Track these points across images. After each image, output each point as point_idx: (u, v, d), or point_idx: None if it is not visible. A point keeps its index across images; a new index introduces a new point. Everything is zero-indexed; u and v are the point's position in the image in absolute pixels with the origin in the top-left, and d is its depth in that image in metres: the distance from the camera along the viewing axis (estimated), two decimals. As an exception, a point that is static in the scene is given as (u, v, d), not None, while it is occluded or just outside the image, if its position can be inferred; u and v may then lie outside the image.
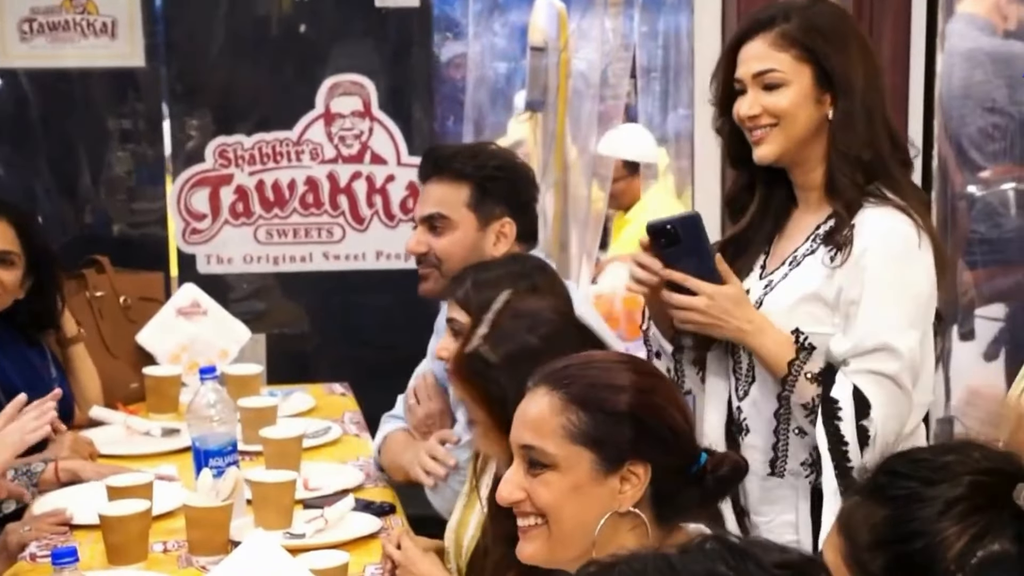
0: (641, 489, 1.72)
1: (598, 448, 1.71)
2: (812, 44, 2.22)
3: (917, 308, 2.20)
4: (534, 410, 1.75)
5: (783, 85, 2.23)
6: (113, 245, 3.74)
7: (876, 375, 2.17)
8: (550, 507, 1.73)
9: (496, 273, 2.43)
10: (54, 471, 2.81)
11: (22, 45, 3.70)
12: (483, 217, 2.75)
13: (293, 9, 3.85)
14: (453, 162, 2.76)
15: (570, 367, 1.79)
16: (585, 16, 3.78)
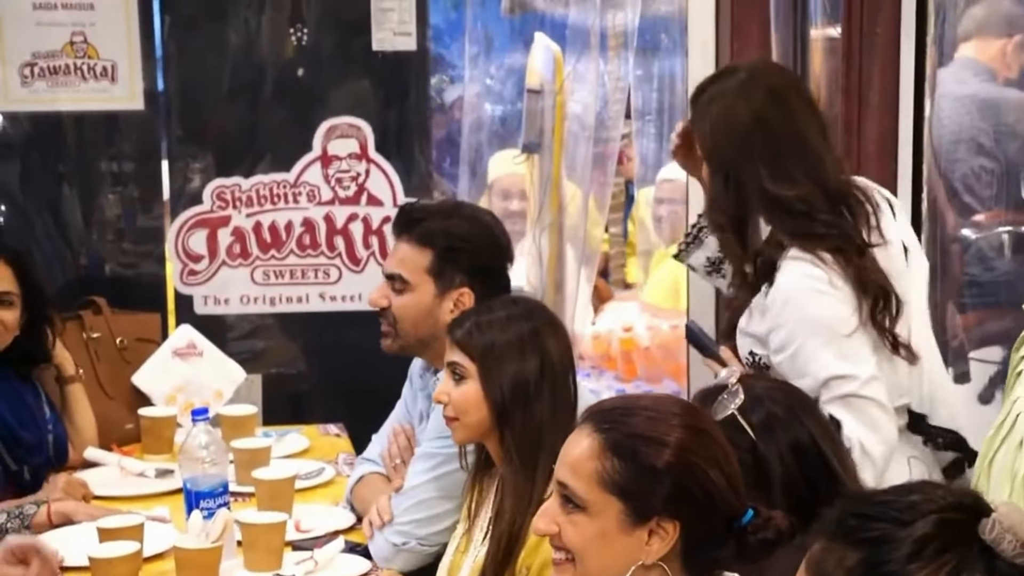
0: (669, 544, 1.71)
1: (628, 499, 1.71)
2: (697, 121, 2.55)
3: (838, 339, 2.41)
4: (574, 450, 1.76)
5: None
6: (110, 286, 3.76)
7: (838, 401, 2.38)
8: (576, 548, 1.74)
9: (498, 315, 2.44)
10: (47, 513, 2.81)
11: (23, 89, 3.74)
12: (442, 285, 2.74)
13: (292, 53, 3.89)
14: (421, 224, 2.75)
15: (617, 410, 1.79)
16: (581, 59, 3.81)
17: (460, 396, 2.40)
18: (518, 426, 2.32)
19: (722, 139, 2.52)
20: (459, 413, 2.41)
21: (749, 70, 2.61)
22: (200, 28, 3.86)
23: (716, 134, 2.52)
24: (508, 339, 2.37)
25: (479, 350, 2.38)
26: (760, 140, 2.49)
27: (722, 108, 2.52)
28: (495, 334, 2.38)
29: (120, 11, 3.76)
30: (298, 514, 2.84)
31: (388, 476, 2.86)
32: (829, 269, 2.43)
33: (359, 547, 2.70)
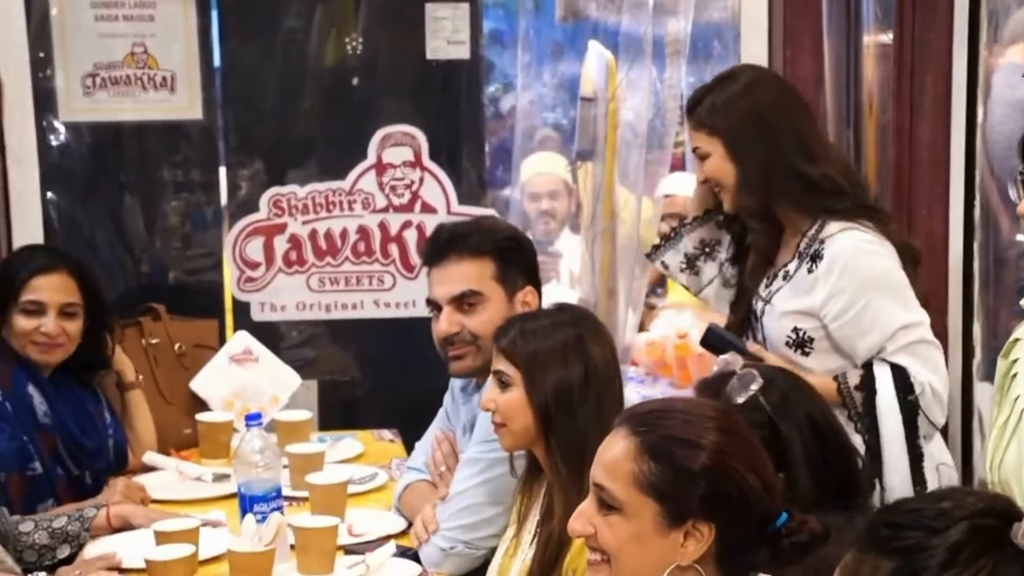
0: (704, 546, 1.73)
1: (664, 501, 1.73)
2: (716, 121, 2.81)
3: (901, 290, 2.73)
4: (611, 451, 1.78)
5: (707, 156, 2.83)
6: (169, 293, 3.82)
7: (903, 350, 2.70)
8: (611, 549, 1.76)
9: (543, 323, 2.46)
10: (106, 516, 2.87)
11: (85, 99, 3.80)
12: (509, 288, 2.76)
13: (347, 62, 3.93)
14: (471, 239, 2.76)
15: (653, 413, 1.81)
16: (633, 67, 3.82)
17: (505, 403, 2.43)
18: (562, 432, 2.34)
19: (750, 129, 2.79)
20: (505, 419, 2.43)
21: (752, 71, 2.99)
22: (257, 38, 3.91)
23: (744, 125, 2.80)
24: (552, 346, 2.39)
25: (523, 358, 2.40)
26: (786, 125, 2.80)
27: (746, 102, 2.81)
28: (539, 341, 2.40)
29: (179, 21, 3.81)
30: (351, 518, 2.87)
31: (434, 483, 2.89)
32: (875, 232, 2.74)
33: (410, 551, 2.73)
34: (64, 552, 2.84)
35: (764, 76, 2.99)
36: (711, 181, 2.86)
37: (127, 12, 3.79)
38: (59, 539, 2.84)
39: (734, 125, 2.81)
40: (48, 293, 3.15)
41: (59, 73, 3.77)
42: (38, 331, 3.13)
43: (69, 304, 3.18)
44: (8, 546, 2.78)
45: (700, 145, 2.86)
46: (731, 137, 2.81)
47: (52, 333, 3.14)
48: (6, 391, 3.08)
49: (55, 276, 3.18)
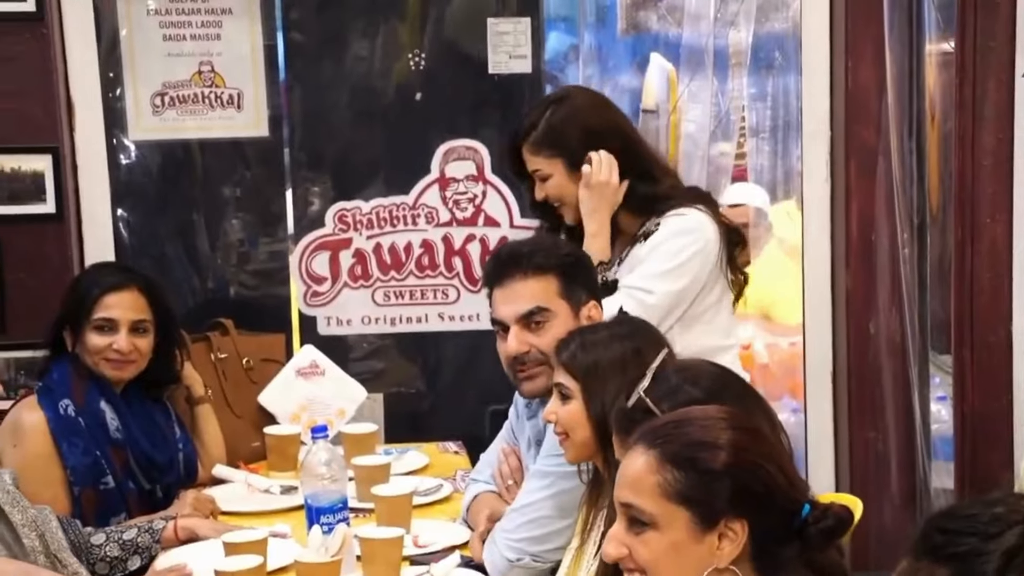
0: (740, 545, 1.74)
1: (694, 506, 1.74)
2: (555, 143, 3.07)
3: (680, 267, 3.00)
4: (632, 468, 1.79)
5: (548, 177, 3.09)
6: (237, 308, 3.87)
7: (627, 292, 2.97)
8: (650, 565, 1.77)
9: (602, 335, 2.47)
10: (173, 529, 2.92)
11: (154, 118, 3.86)
12: (574, 304, 2.74)
13: (410, 77, 3.96)
14: (534, 257, 2.74)
15: (668, 424, 1.83)
16: (695, 78, 3.83)
17: (566, 415, 2.44)
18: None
19: (588, 147, 3.06)
20: (567, 431, 2.45)
21: (581, 92, 3.29)
22: (321, 55, 3.96)
23: (582, 145, 3.06)
24: (611, 358, 2.40)
25: (582, 370, 2.41)
26: (619, 141, 3.08)
27: (580, 122, 3.07)
28: (598, 353, 2.41)
29: (245, 40, 3.86)
30: (416, 529, 2.90)
31: (501, 495, 2.90)
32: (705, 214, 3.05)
33: (475, 562, 2.75)
34: (135, 564, 2.89)
35: (593, 96, 3.26)
36: (552, 199, 3.12)
37: (194, 31, 3.85)
38: (130, 551, 2.90)
39: (574, 145, 3.07)
40: (119, 310, 3.20)
41: (129, 92, 3.83)
42: (110, 348, 3.19)
43: (140, 321, 3.23)
44: (82, 558, 2.84)
45: (540, 168, 3.11)
46: (571, 157, 3.07)
47: (124, 350, 3.19)
48: (80, 407, 3.14)
49: (126, 293, 3.23)
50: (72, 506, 3.06)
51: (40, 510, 2.80)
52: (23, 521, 2.71)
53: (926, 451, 3.74)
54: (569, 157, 3.08)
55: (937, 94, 3.59)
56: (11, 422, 3.13)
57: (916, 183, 3.70)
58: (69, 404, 3.13)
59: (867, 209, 3.71)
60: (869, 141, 3.69)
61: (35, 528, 2.73)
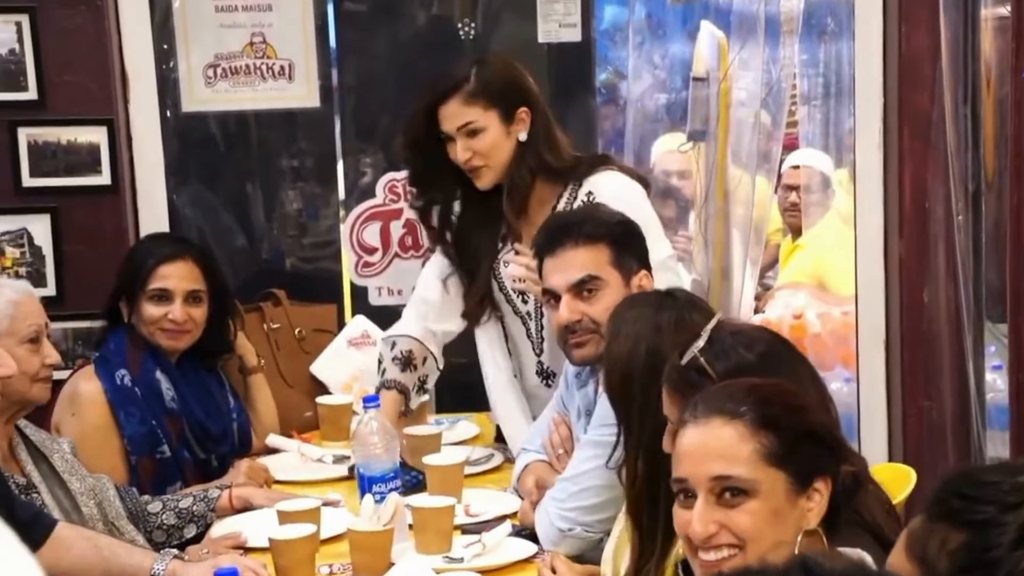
0: (824, 504, 1.75)
1: (791, 467, 1.75)
2: (491, 95, 3.06)
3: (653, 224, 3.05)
4: (717, 441, 1.77)
5: (480, 131, 3.07)
6: (289, 279, 3.90)
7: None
8: (750, 535, 1.75)
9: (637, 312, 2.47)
10: (228, 497, 2.96)
11: (207, 89, 3.88)
12: (625, 273, 2.75)
13: (460, 46, 3.96)
14: (584, 226, 2.76)
15: (741, 392, 1.81)
16: (746, 46, 3.80)
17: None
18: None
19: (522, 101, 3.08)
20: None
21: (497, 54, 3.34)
22: (371, 25, 3.97)
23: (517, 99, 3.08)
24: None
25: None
26: (538, 110, 3.10)
27: (511, 80, 3.11)
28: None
29: (296, 10, 3.87)
30: (467, 499, 2.92)
31: (551, 464, 2.91)
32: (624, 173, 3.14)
33: (526, 530, 2.76)
34: (191, 532, 2.94)
35: (512, 60, 3.24)
36: (478, 155, 3.08)
37: (246, 3, 3.86)
38: (185, 519, 2.94)
39: (508, 98, 3.08)
40: (174, 280, 3.24)
41: (182, 64, 3.86)
42: (166, 318, 3.22)
43: (194, 291, 3.27)
44: (139, 526, 2.88)
45: (475, 120, 3.07)
46: (505, 109, 3.08)
47: (179, 320, 3.22)
48: (136, 377, 3.18)
49: (180, 264, 3.26)
50: (129, 475, 3.11)
51: (98, 479, 2.85)
52: (81, 489, 2.76)
53: (981, 420, 3.71)
54: (504, 109, 3.09)
55: (993, 59, 3.54)
56: (69, 392, 3.17)
57: (971, 149, 3.66)
58: (125, 374, 3.17)
59: (921, 176, 3.68)
60: (923, 107, 3.65)
61: (93, 496, 2.77)
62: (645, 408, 2.31)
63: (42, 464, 2.75)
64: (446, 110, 3.10)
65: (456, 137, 3.10)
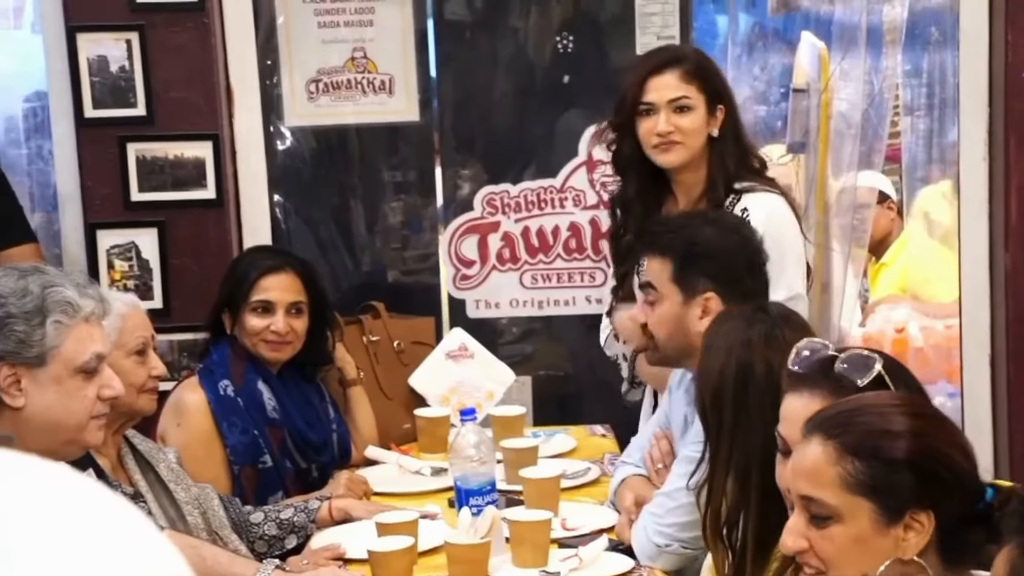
0: (926, 537, 1.69)
1: (878, 498, 1.70)
2: (708, 79, 3.10)
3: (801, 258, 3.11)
4: (809, 460, 1.74)
5: (691, 108, 3.08)
6: (388, 291, 3.94)
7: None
8: (832, 560, 1.73)
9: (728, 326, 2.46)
10: (328, 510, 3.00)
11: (309, 104, 3.94)
12: (687, 292, 2.74)
13: (558, 60, 3.97)
14: (661, 237, 2.80)
15: (842, 414, 1.78)
16: (847, 56, 3.75)
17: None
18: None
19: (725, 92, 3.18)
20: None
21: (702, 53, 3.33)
22: (470, 39, 4.00)
23: (716, 97, 3.12)
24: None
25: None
26: (732, 109, 3.17)
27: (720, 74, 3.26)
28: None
29: (397, 25, 3.92)
30: (564, 512, 2.92)
31: (650, 479, 2.91)
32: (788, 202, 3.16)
33: (623, 545, 2.76)
34: (292, 542, 2.98)
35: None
36: (676, 133, 3.06)
37: (348, 18, 3.91)
38: (287, 530, 2.98)
39: (717, 88, 3.12)
40: (277, 292, 3.29)
41: (285, 79, 3.92)
42: (268, 329, 3.27)
43: (296, 303, 3.32)
44: (242, 536, 2.93)
45: (690, 96, 3.07)
46: (713, 98, 3.10)
47: (282, 331, 3.27)
48: (238, 388, 3.23)
49: (283, 276, 3.32)
50: (233, 484, 3.16)
51: (202, 488, 2.90)
52: (187, 499, 2.81)
53: (1089, 437, 3.63)
54: (712, 98, 3.11)
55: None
56: (174, 402, 3.24)
57: (1080, 160, 3.59)
58: (228, 385, 3.22)
59: (1027, 188, 3.61)
60: (1030, 118, 3.59)
61: (198, 506, 2.83)
62: (736, 424, 2.31)
63: (149, 474, 2.81)
64: (660, 80, 3.09)
65: (662, 109, 3.08)
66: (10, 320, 2.15)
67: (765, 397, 2.28)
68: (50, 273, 2.24)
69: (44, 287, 2.18)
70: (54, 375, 2.19)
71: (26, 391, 2.16)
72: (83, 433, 2.26)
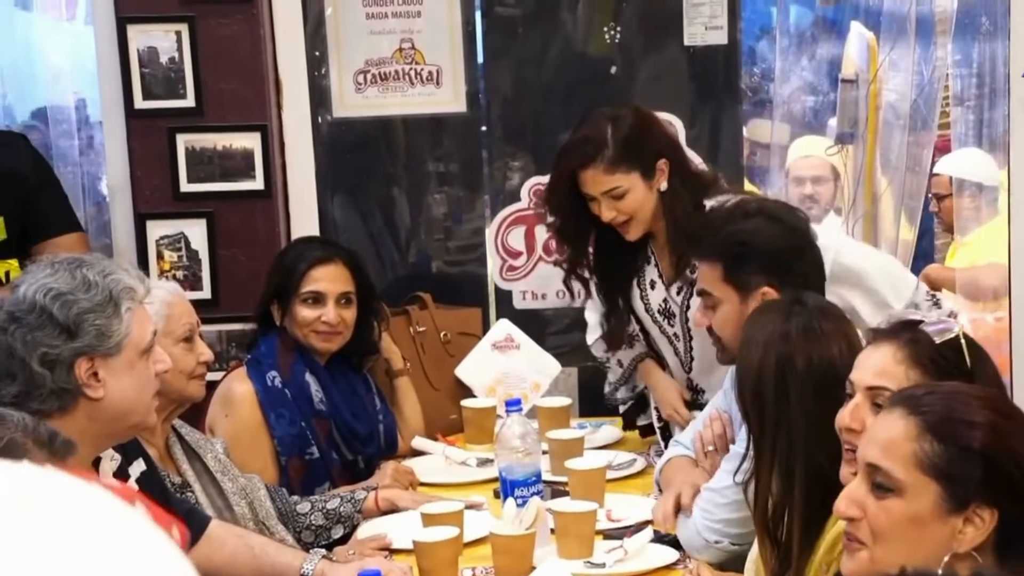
0: (984, 534, 1.67)
1: (947, 483, 1.68)
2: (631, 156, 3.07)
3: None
4: (887, 431, 1.73)
5: (625, 193, 3.09)
6: (435, 282, 3.95)
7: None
8: (884, 533, 1.71)
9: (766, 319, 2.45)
10: (374, 499, 3.01)
11: (357, 95, 3.95)
12: (741, 290, 2.74)
13: (605, 51, 3.96)
14: (705, 241, 2.80)
15: (931, 394, 1.77)
16: (896, 46, 3.73)
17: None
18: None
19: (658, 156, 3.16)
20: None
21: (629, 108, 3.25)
22: (517, 30, 3.99)
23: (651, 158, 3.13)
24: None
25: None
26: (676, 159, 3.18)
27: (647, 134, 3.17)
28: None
29: (444, 16, 3.92)
30: (609, 504, 2.92)
31: (698, 460, 2.90)
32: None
33: (668, 537, 2.76)
34: (338, 532, 3.00)
35: (644, 110, 3.24)
36: (623, 215, 3.11)
37: (395, 9, 3.92)
38: (333, 520, 3.01)
39: (646, 155, 3.10)
40: (327, 283, 3.31)
41: (333, 71, 3.93)
42: (320, 320, 3.29)
43: (346, 293, 3.33)
44: (288, 526, 2.96)
45: (619, 185, 3.09)
46: (644, 167, 3.09)
47: (333, 321, 3.29)
48: (286, 379, 3.26)
49: (331, 267, 3.33)
50: (280, 475, 3.19)
51: (249, 479, 2.93)
52: (234, 489, 2.84)
53: None
54: (643, 167, 3.11)
55: None
56: (222, 393, 3.26)
57: None
58: (276, 376, 3.25)
59: (1079, 179, 3.57)
60: (1082, 108, 3.54)
61: (245, 496, 2.85)
62: (778, 418, 2.30)
63: (196, 464, 2.83)
64: (587, 176, 3.12)
65: (599, 199, 3.13)
66: (87, 315, 2.16)
67: (805, 390, 2.29)
68: (98, 262, 2.26)
69: (104, 276, 2.20)
70: (127, 361, 2.21)
71: (104, 381, 2.17)
72: (150, 413, 2.29)
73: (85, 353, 2.16)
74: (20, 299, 2.17)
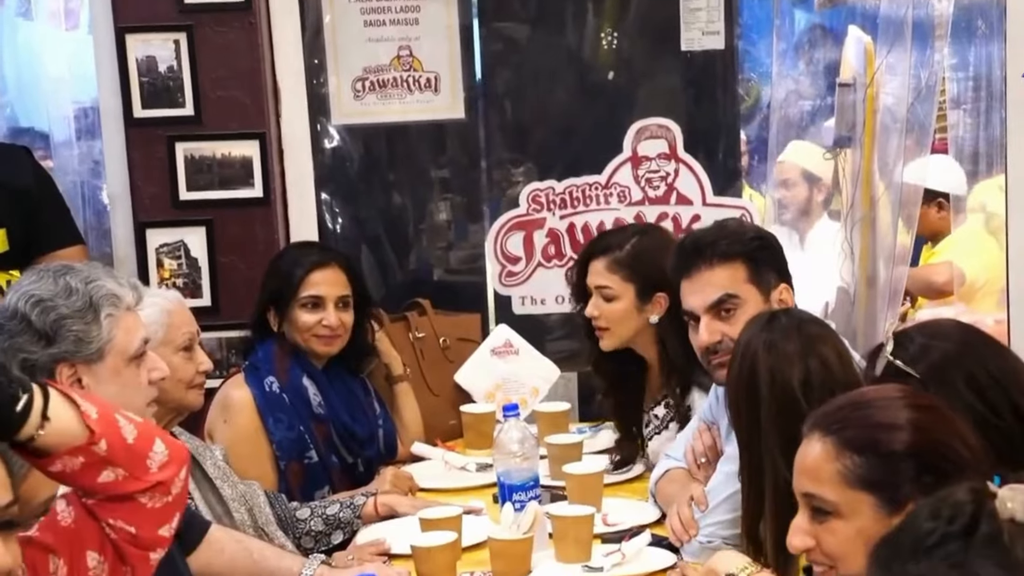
0: None
1: (878, 491, 1.71)
2: (635, 268, 3.13)
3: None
4: (810, 457, 1.76)
5: (614, 299, 3.17)
6: (434, 288, 3.96)
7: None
8: (838, 554, 1.74)
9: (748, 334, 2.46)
10: (374, 505, 3.02)
11: (355, 102, 3.96)
12: (763, 289, 2.73)
13: (602, 56, 3.98)
14: (719, 245, 2.74)
15: (843, 409, 1.79)
16: (892, 50, 3.74)
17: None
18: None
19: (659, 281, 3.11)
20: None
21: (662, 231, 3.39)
22: (515, 37, 4.01)
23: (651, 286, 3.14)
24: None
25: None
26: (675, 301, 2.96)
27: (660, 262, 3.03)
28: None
29: (442, 23, 3.93)
30: (607, 508, 2.93)
31: (691, 473, 2.91)
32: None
33: (665, 540, 2.77)
34: (338, 538, 3.01)
35: (672, 241, 3.17)
36: (601, 319, 3.17)
37: (393, 16, 3.94)
38: (332, 525, 3.01)
39: (649, 278, 3.12)
40: (326, 287, 3.32)
41: (331, 78, 3.95)
42: (320, 324, 3.30)
43: (344, 296, 3.35)
44: (288, 532, 2.97)
45: (611, 287, 3.16)
46: (643, 287, 3.14)
47: (333, 325, 3.31)
48: (284, 384, 3.27)
49: (329, 270, 3.35)
50: (279, 480, 3.20)
51: (249, 485, 2.94)
52: (233, 495, 2.84)
53: None
54: (641, 287, 3.15)
55: None
56: (221, 400, 3.27)
57: None
58: (274, 381, 3.26)
59: (1076, 181, 3.58)
60: (1078, 110, 3.55)
61: (244, 502, 2.86)
62: (750, 430, 2.32)
63: (196, 470, 2.84)
64: (594, 266, 3.22)
65: (593, 293, 3.21)
66: (65, 320, 2.18)
67: (771, 404, 2.28)
68: (84, 269, 2.27)
69: (86, 283, 2.21)
70: (112, 368, 2.22)
71: (88, 388, 2.18)
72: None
73: (64, 359, 2.17)
74: (4, 307, 2.19)
